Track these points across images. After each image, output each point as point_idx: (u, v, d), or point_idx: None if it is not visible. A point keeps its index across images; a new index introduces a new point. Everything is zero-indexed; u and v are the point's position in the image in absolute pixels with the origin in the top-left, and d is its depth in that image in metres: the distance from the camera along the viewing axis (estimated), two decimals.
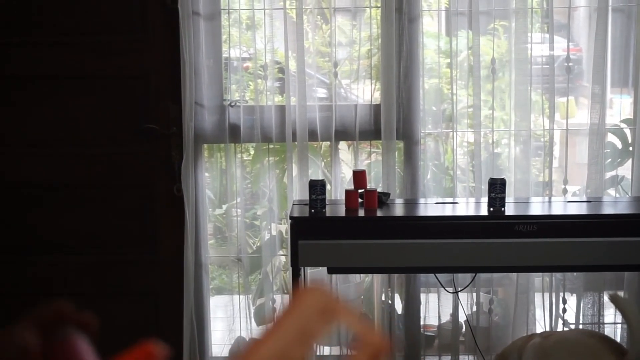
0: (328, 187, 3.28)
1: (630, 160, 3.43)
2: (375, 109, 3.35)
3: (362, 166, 3.36)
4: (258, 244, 3.58)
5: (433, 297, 3.45)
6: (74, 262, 3.43)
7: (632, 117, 3.43)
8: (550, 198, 3.32)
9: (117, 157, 3.38)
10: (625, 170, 3.48)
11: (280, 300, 3.47)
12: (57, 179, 3.39)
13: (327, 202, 2.93)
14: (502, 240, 2.81)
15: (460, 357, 3.45)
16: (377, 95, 3.37)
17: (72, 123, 3.36)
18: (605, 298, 3.41)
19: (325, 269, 3.18)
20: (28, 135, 3.37)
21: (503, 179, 2.93)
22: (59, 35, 3.31)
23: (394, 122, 3.29)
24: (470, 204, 3.22)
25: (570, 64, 3.35)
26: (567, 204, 3.16)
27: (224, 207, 3.58)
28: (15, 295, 3.45)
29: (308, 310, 0.61)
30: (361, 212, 2.93)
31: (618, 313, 3.42)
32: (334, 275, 3.38)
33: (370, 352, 0.62)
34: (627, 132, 3.47)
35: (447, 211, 3.03)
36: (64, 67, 3.33)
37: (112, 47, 3.31)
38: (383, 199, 3.03)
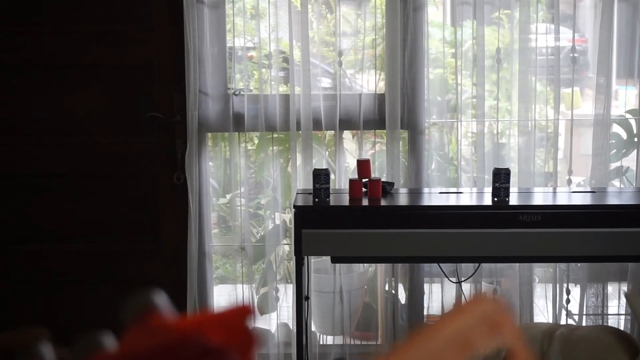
0: (332, 176, 3.27)
1: (635, 151, 3.42)
2: (380, 98, 3.35)
3: (366, 156, 3.36)
4: (262, 233, 3.58)
5: (436, 287, 3.45)
6: (77, 251, 3.43)
7: (637, 108, 3.42)
8: (554, 188, 3.31)
9: (121, 146, 3.38)
10: (630, 161, 3.47)
11: (283, 290, 3.48)
12: (60, 168, 3.39)
13: (331, 192, 2.93)
14: (506, 230, 2.81)
15: None
16: (382, 84, 3.36)
17: (75, 112, 3.36)
18: (610, 289, 3.41)
19: (329, 258, 3.18)
20: (31, 124, 3.37)
21: (507, 169, 2.93)
22: (62, 24, 3.30)
23: (398, 111, 3.28)
24: (474, 194, 3.21)
25: (575, 54, 3.34)
26: (571, 194, 3.15)
27: (228, 196, 3.58)
28: (20, 284, 3.46)
29: (474, 319, 0.59)
30: (365, 202, 2.93)
31: (622, 304, 3.43)
32: (337, 265, 3.38)
33: None
34: (633, 122, 3.46)
35: (451, 201, 3.03)
36: (67, 56, 3.33)
37: (116, 35, 3.31)
38: (387, 188, 3.02)
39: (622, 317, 3.47)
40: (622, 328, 3.44)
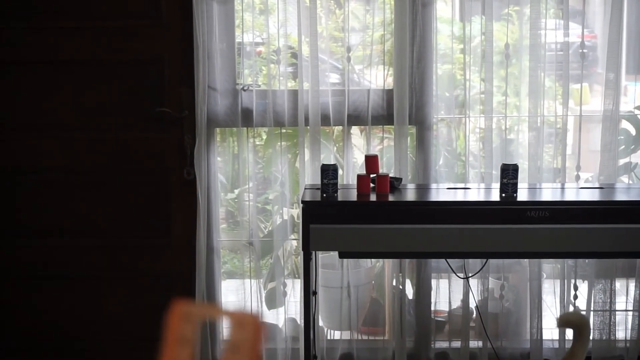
0: (340, 171, 3.28)
1: None
2: (388, 94, 3.35)
3: (374, 151, 3.36)
4: (269, 228, 3.59)
5: (444, 282, 3.46)
6: (87, 245, 3.45)
7: None
8: (562, 184, 3.31)
9: (130, 141, 3.39)
10: (639, 157, 3.46)
11: (291, 285, 3.49)
12: (70, 163, 3.41)
13: (338, 187, 2.94)
14: (514, 226, 2.81)
15: (471, 342, 3.45)
16: (390, 80, 3.36)
17: (85, 107, 3.37)
18: (618, 285, 3.40)
19: (336, 253, 3.19)
20: (42, 120, 3.38)
21: (515, 164, 2.93)
22: (73, 20, 3.32)
23: (406, 107, 3.28)
24: (482, 190, 3.21)
25: (584, 50, 3.33)
26: (579, 190, 3.15)
27: (236, 191, 3.59)
28: (30, 279, 3.48)
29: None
30: (373, 197, 2.94)
31: (630, 301, 3.42)
32: (344, 260, 3.39)
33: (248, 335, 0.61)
34: None
35: (459, 197, 3.03)
36: (77, 51, 3.34)
37: (126, 31, 3.32)
38: (395, 184, 3.03)
39: (630, 313, 3.46)
40: (629, 324, 3.43)
